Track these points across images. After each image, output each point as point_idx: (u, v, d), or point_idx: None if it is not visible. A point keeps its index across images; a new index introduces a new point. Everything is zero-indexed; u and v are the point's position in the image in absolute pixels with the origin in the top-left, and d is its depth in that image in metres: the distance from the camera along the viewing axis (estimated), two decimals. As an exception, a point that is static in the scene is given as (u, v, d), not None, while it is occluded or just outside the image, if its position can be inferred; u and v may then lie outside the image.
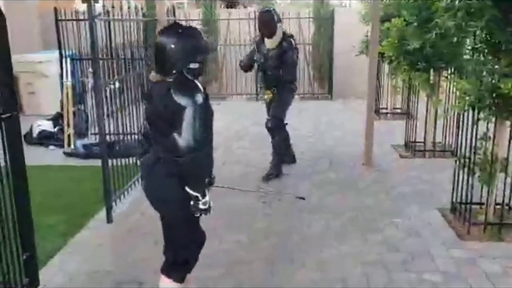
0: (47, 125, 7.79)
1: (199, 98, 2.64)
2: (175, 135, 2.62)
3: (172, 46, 2.67)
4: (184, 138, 2.59)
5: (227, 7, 22.61)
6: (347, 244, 4.20)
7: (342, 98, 10.75)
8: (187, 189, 2.70)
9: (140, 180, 3.03)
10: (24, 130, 7.58)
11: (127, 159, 5.40)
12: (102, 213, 4.80)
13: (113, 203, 4.86)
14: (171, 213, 2.89)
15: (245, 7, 19.59)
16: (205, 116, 2.67)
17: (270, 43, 5.62)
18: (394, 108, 9.07)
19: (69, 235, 4.47)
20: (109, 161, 4.87)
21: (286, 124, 5.91)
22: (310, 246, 4.18)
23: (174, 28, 2.82)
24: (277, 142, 5.79)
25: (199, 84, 2.72)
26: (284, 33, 5.64)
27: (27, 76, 9.57)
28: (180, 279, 2.95)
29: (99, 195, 4.84)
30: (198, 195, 2.69)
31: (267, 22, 5.54)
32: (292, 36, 5.80)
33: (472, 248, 4.03)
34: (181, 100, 2.61)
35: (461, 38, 3.96)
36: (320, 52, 11.09)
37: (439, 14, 3.86)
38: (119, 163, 5.14)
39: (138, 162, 5.61)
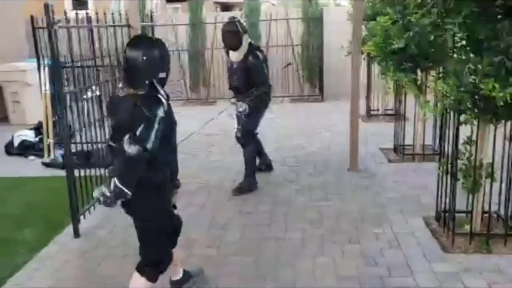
0: (29, 135, 7.61)
1: (161, 112, 2.78)
2: (126, 138, 2.71)
3: (144, 58, 2.83)
4: (136, 142, 2.70)
5: (223, 10, 22.49)
6: (324, 257, 3.96)
7: (334, 99, 10.52)
8: (115, 179, 2.76)
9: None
10: (8, 140, 7.46)
11: (102, 169, 5.19)
12: (71, 227, 4.58)
13: (82, 217, 4.64)
14: (141, 219, 3.07)
15: (240, 9, 19.43)
16: (163, 127, 2.79)
17: (235, 56, 5.24)
18: (385, 110, 8.83)
19: (36, 250, 4.27)
20: (83, 171, 4.73)
21: (257, 134, 5.62)
22: (285, 259, 3.95)
23: (142, 41, 3.08)
24: (247, 153, 5.44)
25: (162, 98, 2.86)
26: (250, 45, 5.22)
27: (12, 85, 9.44)
28: (153, 279, 3.08)
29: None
30: (122, 187, 2.74)
31: (231, 34, 5.15)
32: (259, 48, 5.43)
33: (456, 261, 3.76)
34: (142, 112, 2.76)
35: (438, 36, 3.69)
36: (310, 53, 10.85)
37: (412, 11, 3.62)
38: (92, 173, 4.92)
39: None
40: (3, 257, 4.16)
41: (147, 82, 2.84)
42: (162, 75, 2.91)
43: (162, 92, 2.89)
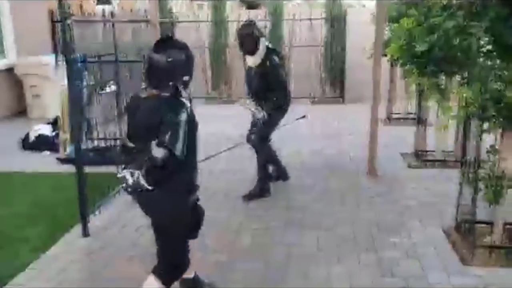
0: (46, 129, 7.59)
1: (184, 116, 2.80)
2: (153, 143, 2.73)
3: (170, 60, 2.84)
4: (164, 147, 2.72)
5: (248, 8, 22.32)
6: (338, 266, 3.82)
7: (355, 101, 10.33)
8: (142, 171, 2.77)
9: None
10: (25, 134, 7.45)
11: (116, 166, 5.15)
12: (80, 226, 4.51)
13: (92, 215, 4.59)
14: (163, 220, 3.02)
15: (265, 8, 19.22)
16: (188, 129, 2.80)
17: (252, 61, 5.04)
18: (407, 113, 8.61)
19: (42, 250, 4.19)
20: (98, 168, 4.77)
21: (270, 139, 5.43)
22: (297, 267, 3.82)
23: (168, 43, 2.96)
24: (261, 159, 5.25)
25: (185, 101, 2.88)
26: (268, 49, 5.01)
27: (32, 78, 9.47)
28: (169, 283, 3.05)
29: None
30: (144, 183, 2.76)
31: (245, 37, 4.96)
32: (276, 51, 5.18)
33: (475, 275, 3.59)
34: (169, 116, 2.78)
35: (462, 40, 3.51)
36: (332, 54, 10.68)
37: (435, 13, 3.45)
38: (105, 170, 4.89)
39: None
40: (9, 256, 4.10)
41: (171, 84, 2.86)
42: (186, 78, 2.92)
43: (185, 94, 2.93)
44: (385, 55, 6.46)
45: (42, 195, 5.48)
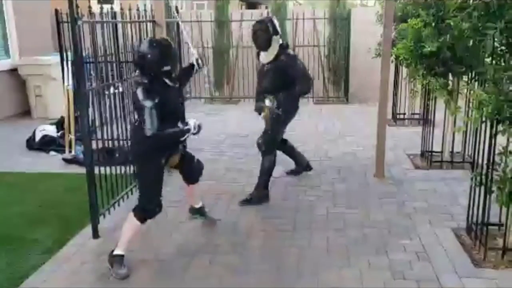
0: (51, 130, 7.58)
1: (149, 103, 3.47)
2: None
3: (149, 56, 3.55)
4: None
5: (248, 8, 22.31)
6: (349, 268, 3.80)
7: (359, 102, 10.35)
8: None
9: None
10: (30, 134, 7.43)
11: (125, 167, 5.15)
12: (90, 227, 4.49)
13: (102, 216, 4.56)
14: (136, 171, 3.97)
15: (266, 8, 19.21)
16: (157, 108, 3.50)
17: (265, 57, 5.01)
18: (412, 114, 8.61)
19: (52, 251, 4.17)
20: (106, 169, 4.69)
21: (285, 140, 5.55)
22: (307, 269, 3.80)
23: (148, 41, 3.75)
24: (266, 162, 5.14)
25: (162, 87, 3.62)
26: (281, 46, 4.96)
27: (36, 78, 9.45)
28: (140, 220, 3.80)
29: (90, 207, 4.53)
30: (184, 136, 3.70)
31: (259, 34, 4.92)
32: (288, 46, 5.11)
33: (487, 277, 3.58)
34: (140, 99, 3.53)
35: (478, 41, 3.49)
36: (336, 54, 10.66)
37: (452, 14, 3.43)
38: (113, 172, 4.88)
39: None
40: (19, 258, 4.07)
41: (151, 74, 3.56)
42: (166, 68, 3.57)
43: (166, 80, 3.62)
44: (390, 55, 6.45)
45: (50, 196, 5.46)
